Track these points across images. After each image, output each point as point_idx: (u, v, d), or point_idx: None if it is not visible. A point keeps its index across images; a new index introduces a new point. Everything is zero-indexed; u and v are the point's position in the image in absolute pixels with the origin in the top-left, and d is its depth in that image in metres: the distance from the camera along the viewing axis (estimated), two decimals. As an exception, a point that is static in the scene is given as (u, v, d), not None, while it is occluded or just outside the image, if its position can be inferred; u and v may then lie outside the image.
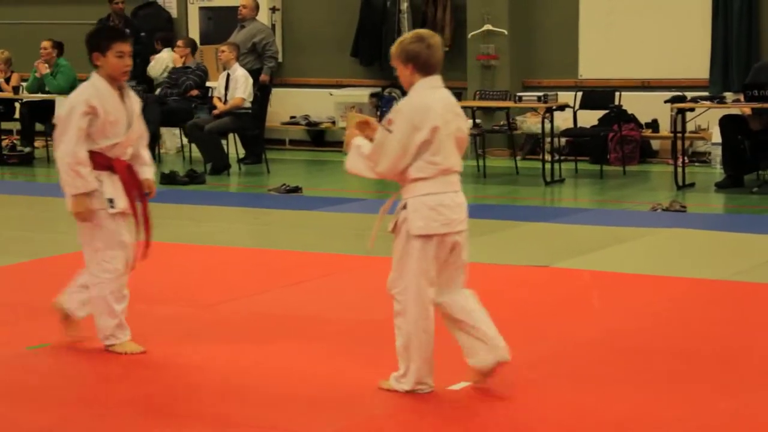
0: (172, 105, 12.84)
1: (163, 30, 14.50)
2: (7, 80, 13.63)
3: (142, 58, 13.94)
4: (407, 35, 4.68)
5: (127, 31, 13.61)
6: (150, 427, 4.28)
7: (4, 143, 13.54)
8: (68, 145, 5.07)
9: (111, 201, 5.16)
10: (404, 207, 4.57)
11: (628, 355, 5.15)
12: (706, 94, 11.64)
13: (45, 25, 14.97)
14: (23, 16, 15.71)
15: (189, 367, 5.03)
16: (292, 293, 6.48)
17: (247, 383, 4.77)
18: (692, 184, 10.79)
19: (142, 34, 13.81)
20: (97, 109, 5.08)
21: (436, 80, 4.60)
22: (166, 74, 13.54)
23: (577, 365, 5.01)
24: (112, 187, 5.17)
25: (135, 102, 5.29)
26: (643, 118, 12.62)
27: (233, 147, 12.73)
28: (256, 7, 13.36)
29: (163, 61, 13.82)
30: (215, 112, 12.29)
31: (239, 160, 12.76)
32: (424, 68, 4.55)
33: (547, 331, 5.58)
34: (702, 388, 4.67)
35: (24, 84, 13.59)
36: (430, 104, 4.53)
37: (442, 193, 4.55)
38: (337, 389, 4.68)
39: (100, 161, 5.13)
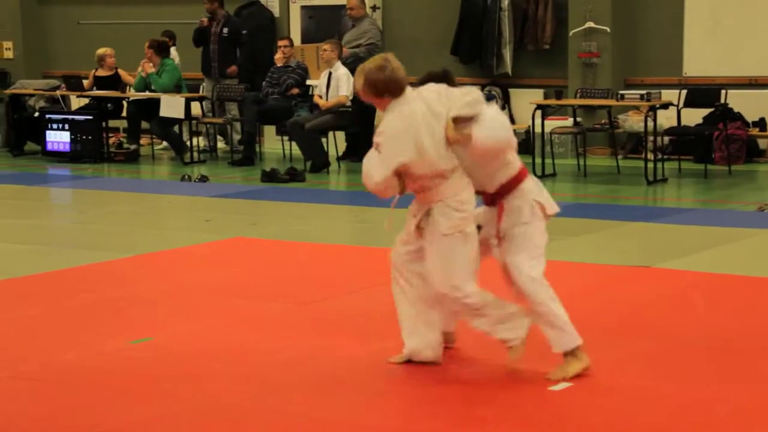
0: (272, 103, 12.98)
1: (266, 29, 14.66)
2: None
3: (246, 57, 14.14)
4: (368, 65, 4.86)
5: (225, 30, 13.86)
6: (246, 427, 4.33)
7: (111, 141, 13.85)
8: None
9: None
10: (427, 214, 4.81)
11: (731, 357, 5.04)
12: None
13: (154, 25, 15.26)
14: (133, 17, 16.05)
15: (286, 364, 5.07)
16: (386, 292, 6.48)
17: (345, 379, 4.79)
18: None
19: (244, 32, 13.99)
20: None
21: (405, 97, 4.78)
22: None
23: (677, 365, 4.92)
24: None
25: None
26: (750, 117, 12.34)
27: (333, 145, 12.82)
28: (362, 5, 13.35)
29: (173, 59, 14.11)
30: (323, 106, 12.35)
31: (338, 158, 12.85)
32: (391, 92, 4.76)
33: (649, 331, 5.50)
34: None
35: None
36: (408, 127, 4.70)
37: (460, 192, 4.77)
38: (437, 388, 4.67)
39: None
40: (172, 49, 14.28)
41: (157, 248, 7.86)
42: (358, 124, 12.83)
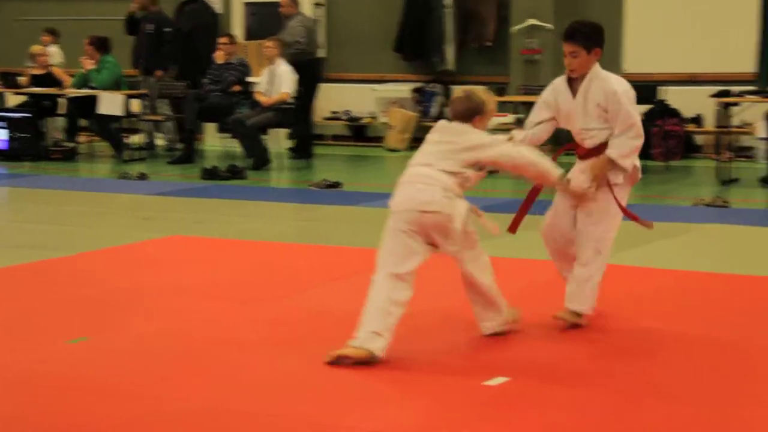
0: (213, 100, 12.90)
1: (209, 26, 14.57)
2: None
3: (190, 54, 14.05)
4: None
5: (151, 26, 13.75)
6: (185, 425, 4.30)
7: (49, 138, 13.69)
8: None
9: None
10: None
11: (667, 352, 5.09)
12: (752, 88, 11.50)
13: (94, 21, 15.11)
14: (72, 13, 15.87)
15: (229, 362, 5.04)
16: (334, 289, 6.48)
17: (288, 378, 4.78)
18: (736, 180, 10.66)
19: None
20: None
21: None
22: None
23: (611, 358, 4.96)
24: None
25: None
26: (688, 113, 12.50)
27: (275, 142, 12.77)
28: (293, 3, 13.29)
29: (54, 56, 14.05)
30: (265, 103, 12.30)
31: (291, 149, 12.86)
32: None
33: (588, 325, 5.53)
34: (757, 384, 4.61)
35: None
36: None
37: None
38: (377, 383, 4.67)
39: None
40: (55, 47, 14.18)
41: (96, 247, 7.78)
42: (300, 121, 12.82)
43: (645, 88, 12.13)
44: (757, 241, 7.86)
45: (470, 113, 5.20)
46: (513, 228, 5.66)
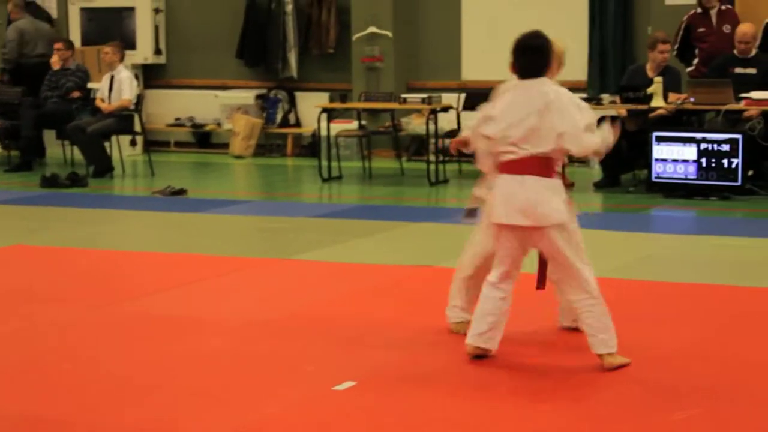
0: (51, 107, 12.62)
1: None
2: None
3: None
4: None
5: None
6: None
7: None
8: None
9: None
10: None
11: (503, 355, 5.27)
12: (584, 95, 11.93)
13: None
14: None
15: (77, 371, 4.98)
16: (178, 295, 6.46)
17: (137, 383, 4.76)
18: (572, 184, 11.00)
19: None
20: None
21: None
22: None
23: (464, 362, 5.12)
24: None
25: None
26: (525, 120, 12.86)
27: (116, 149, 12.58)
28: (18, 7, 13.64)
29: None
30: (105, 109, 12.10)
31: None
32: None
33: (432, 329, 5.67)
34: (589, 376, 4.83)
35: None
36: None
37: None
38: (225, 390, 4.69)
39: None
40: None
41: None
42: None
43: (483, 96, 12.38)
44: (591, 243, 8.15)
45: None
46: (541, 285, 5.47)
